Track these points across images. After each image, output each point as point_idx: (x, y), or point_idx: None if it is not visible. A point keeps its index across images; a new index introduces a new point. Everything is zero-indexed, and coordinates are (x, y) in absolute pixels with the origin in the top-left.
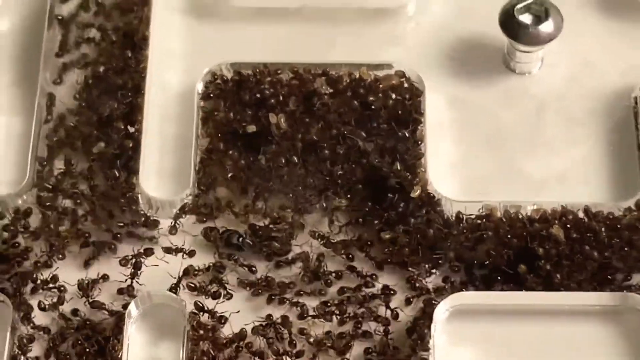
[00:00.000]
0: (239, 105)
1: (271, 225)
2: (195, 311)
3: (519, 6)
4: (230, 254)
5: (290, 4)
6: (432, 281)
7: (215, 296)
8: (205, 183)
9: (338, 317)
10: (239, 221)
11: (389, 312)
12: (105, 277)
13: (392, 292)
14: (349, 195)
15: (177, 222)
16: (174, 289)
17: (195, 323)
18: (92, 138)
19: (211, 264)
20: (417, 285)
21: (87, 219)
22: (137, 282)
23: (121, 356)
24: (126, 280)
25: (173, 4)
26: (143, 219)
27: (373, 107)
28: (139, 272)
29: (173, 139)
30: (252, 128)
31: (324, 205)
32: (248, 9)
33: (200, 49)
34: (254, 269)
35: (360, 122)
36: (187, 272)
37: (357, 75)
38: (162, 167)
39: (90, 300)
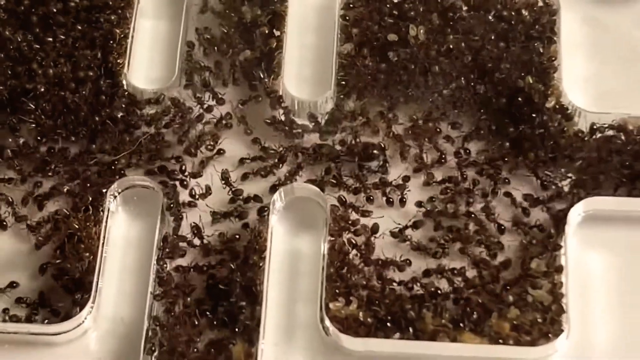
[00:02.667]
0: (378, 16)
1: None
2: (337, 205)
3: None
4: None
5: None
6: (565, 186)
7: (356, 192)
8: (344, 89)
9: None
10: (371, 130)
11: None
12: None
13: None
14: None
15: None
16: (318, 184)
17: (337, 216)
18: (235, 41)
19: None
20: (551, 189)
21: (231, 117)
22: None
23: (265, 244)
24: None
25: None
26: (287, 118)
27: (512, 22)
28: (281, 165)
29: (313, 47)
30: (393, 37)
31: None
32: None
33: None
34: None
35: (496, 37)
36: (329, 170)
37: None
38: (302, 72)
39: (233, 189)
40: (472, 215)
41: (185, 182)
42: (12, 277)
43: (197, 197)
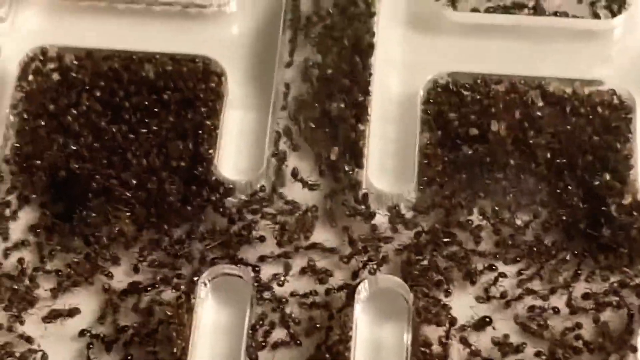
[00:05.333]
0: (458, 111)
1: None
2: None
3: None
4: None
5: (504, 22)
6: None
7: (439, 284)
8: (424, 181)
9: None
10: (450, 219)
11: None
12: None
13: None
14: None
15: (397, 219)
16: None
17: (421, 307)
18: (320, 135)
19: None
20: (630, 285)
21: (317, 209)
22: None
23: (350, 334)
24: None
25: (396, 17)
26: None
27: (589, 117)
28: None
29: (395, 139)
30: (474, 132)
31: (538, 209)
32: (465, 24)
33: (419, 59)
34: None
35: (572, 134)
36: (410, 262)
37: (571, 90)
38: (385, 164)
39: (320, 278)
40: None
41: (257, 269)
42: None
43: (282, 283)
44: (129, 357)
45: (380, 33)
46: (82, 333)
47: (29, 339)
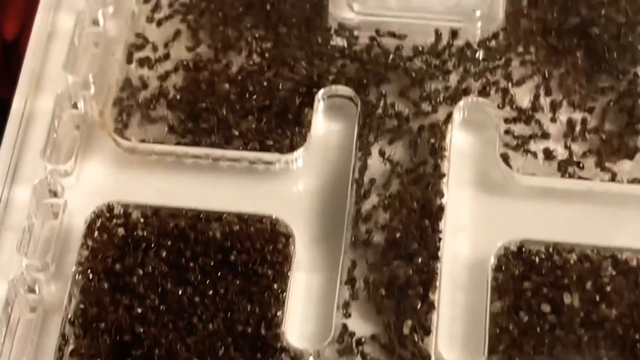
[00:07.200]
0: (529, 282)
1: None
2: None
3: None
4: None
5: (575, 187)
6: None
7: None
8: (495, 350)
9: None
10: None
11: None
12: None
13: None
14: None
15: None
16: None
17: None
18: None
19: None
20: None
21: None
22: None
23: None
24: None
25: (465, 179)
26: None
27: None
28: None
29: (465, 307)
30: (546, 308)
31: None
32: (535, 188)
33: (489, 223)
34: None
35: None
36: None
37: None
38: (454, 332)
39: None
40: None
41: None
42: None
43: None
44: None
45: (449, 195)
46: None
47: None
